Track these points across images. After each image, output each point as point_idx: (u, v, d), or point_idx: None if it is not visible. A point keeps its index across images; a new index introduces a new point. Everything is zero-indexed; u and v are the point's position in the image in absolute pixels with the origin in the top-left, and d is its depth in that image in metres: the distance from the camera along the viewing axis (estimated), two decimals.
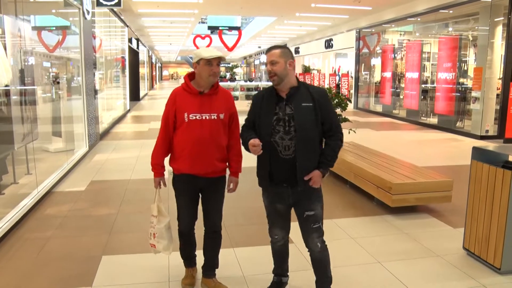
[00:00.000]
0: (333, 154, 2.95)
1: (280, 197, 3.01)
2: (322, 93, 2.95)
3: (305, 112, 2.85)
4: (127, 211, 5.33)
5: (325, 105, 2.91)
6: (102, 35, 12.44)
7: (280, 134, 2.87)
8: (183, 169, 3.10)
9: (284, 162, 2.89)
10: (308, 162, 2.89)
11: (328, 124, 2.92)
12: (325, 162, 2.93)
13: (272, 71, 2.86)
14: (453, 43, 12.88)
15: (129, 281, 3.55)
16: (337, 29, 21.39)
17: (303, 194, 2.94)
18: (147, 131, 12.22)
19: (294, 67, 2.93)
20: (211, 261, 3.38)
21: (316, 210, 2.96)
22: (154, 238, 3.23)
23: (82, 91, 8.97)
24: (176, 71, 74.18)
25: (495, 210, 3.69)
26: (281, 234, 3.16)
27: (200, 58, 2.99)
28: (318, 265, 3.06)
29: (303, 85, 2.95)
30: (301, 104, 2.86)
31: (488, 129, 11.36)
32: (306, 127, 2.84)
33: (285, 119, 2.87)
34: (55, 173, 6.71)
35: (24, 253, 4.10)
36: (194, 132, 3.02)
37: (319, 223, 2.97)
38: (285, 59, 2.87)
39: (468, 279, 3.60)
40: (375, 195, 5.40)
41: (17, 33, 6.09)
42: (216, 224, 3.29)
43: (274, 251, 3.27)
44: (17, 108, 5.92)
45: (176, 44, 32.80)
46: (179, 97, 3.09)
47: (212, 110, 3.06)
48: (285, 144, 2.87)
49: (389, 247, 4.27)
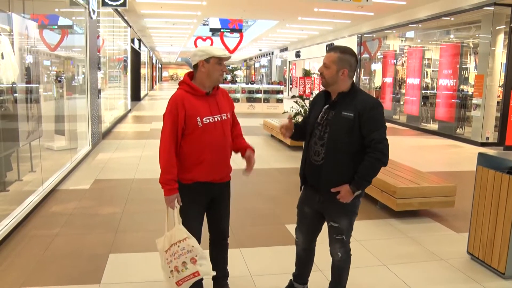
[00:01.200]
0: (365, 173, 2.72)
1: (309, 201, 2.97)
2: (368, 104, 2.72)
3: (343, 122, 2.71)
4: (132, 210, 5.36)
5: (367, 118, 2.69)
6: (106, 35, 12.48)
7: (315, 138, 2.83)
8: (197, 178, 2.87)
9: (313, 167, 2.85)
10: (335, 174, 2.76)
11: (368, 139, 2.70)
12: (356, 179, 2.73)
13: (322, 73, 2.79)
14: (454, 50, 12.97)
15: (138, 279, 3.58)
16: (338, 33, 21.48)
17: (330, 204, 2.83)
18: (148, 131, 12.25)
19: (348, 76, 2.77)
20: (224, 270, 3.24)
21: (341, 223, 2.86)
22: (196, 263, 2.76)
23: (86, 90, 9.00)
24: (176, 72, 74.24)
25: (500, 216, 3.73)
26: (301, 238, 3.09)
27: (211, 56, 2.80)
28: (335, 272, 3.04)
29: (354, 92, 2.78)
30: (342, 112, 2.72)
31: (489, 136, 11.43)
32: (338, 138, 2.72)
33: (324, 124, 2.79)
34: (59, 171, 6.74)
35: (31, 250, 4.12)
36: (210, 136, 2.83)
37: (342, 235, 2.89)
38: (338, 67, 2.73)
39: (472, 283, 3.64)
40: (379, 199, 5.44)
41: (24, 32, 6.13)
42: (226, 231, 3.16)
43: (296, 252, 3.20)
44: (22, 106, 5.95)
45: (177, 45, 32.86)
46: (187, 101, 2.80)
47: (221, 111, 2.92)
48: (316, 149, 2.82)
49: (394, 250, 4.31)
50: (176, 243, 2.75)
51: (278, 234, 4.61)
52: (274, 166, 8.01)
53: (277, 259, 4.01)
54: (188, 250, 2.74)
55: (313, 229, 3.05)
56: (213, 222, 3.11)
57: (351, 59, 2.77)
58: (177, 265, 2.74)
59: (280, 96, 19.96)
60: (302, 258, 3.18)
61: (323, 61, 2.79)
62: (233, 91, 19.21)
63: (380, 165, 2.73)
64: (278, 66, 36.67)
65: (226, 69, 2.92)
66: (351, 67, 2.76)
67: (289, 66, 32.79)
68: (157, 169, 2.86)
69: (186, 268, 2.74)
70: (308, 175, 2.91)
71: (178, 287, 2.77)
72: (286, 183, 6.87)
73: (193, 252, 2.74)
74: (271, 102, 19.64)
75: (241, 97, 19.34)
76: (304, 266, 3.20)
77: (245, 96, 19.51)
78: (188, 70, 3.17)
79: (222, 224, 3.13)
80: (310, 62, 29.83)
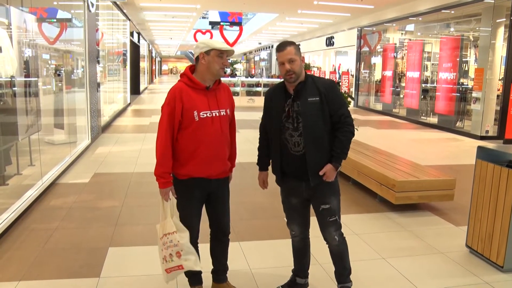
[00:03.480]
0: (342, 146, 2.88)
1: (295, 192, 3.01)
2: (328, 85, 2.89)
3: (312, 108, 2.82)
4: (132, 203, 5.36)
5: (332, 97, 2.86)
6: (104, 28, 12.43)
7: (289, 131, 2.87)
8: (193, 173, 2.84)
9: (295, 158, 2.89)
10: (318, 157, 2.86)
11: (337, 116, 2.87)
12: (335, 155, 2.88)
13: (291, 69, 2.78)
14: (454, 44, 12.92)
15: (137, 272, 3.59)
16: (338, 27, 21.40)
17: (317, 188, 2.92)
18: (148, 125, 12.24)
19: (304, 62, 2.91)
20: (224, 265, 3.23)
21: (331, 203, 2.95)
22: (180, 257, 2.82)
23: (85, 83, 8.99)
24: (175, 66, 74.15)
25: (499, 209, 3.73)
26: (298, 229, 3.13)
27: (212, 49, 2.76)
28: (336, 258, 3.09)
29: (310, 78, 2.90)
30: (308, 99, 2.82)
31: (488, 129, 11.42)
32: (312, 123, 2.82)
33: (293, 116, 2.84)
34: (59, 165, 6.74)
35: (31, 243, 4.13)
36: (207, 131, 2.80)
37: (335, 216, 2.97)
38: (299, 56, 2.84)
39: (471, 276, 3.65)
40: (379, 192, 5.44)
41: (22, 25, 6.11)
42: (227, 227, 3.13)
43: (293, 247, 3.25)
44: (21, 100, 5.93)
45: (177, 39, 32.75)
46: (185, 94, 2.77)
47: (220, 106, 2.88)
48: (294, 140, 2.87)
49: (393, 243, 4.31)
50: (167, 234, 2.82)
51: (277, 227, 4.61)
52: None
53: (276, 252, 4.02)
54: (175, 244, 2.80)
55: (304, 217, 3.12)
56: (213, 218, 3.09)
57: (299, 47, 2.92)
58: (166, 255, 2.84)
59: None
60: (301, 250, 3.22)
61: (285, 60, 2.79)
62: (232, 84, 19.19)
63: (351, 136, 2.92)
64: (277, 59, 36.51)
65: (227, 63, 2.88)
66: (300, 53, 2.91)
67: None
68: None
69: (172, 260, 2.83)
70: (289, 167, 2.94)
71: (168, 274, 2.89)
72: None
73: (178, 247, 2.80)
74: None
75: (240, 91, 19.33)
76: (303, 257, 3.24)
77: (245, 89, 19.50)
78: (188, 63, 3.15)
79: (222, 221, 3.09)
80: (310, 56, 29.76)
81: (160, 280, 3.43)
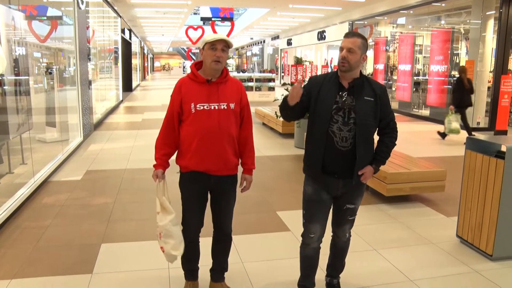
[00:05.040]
0: (388, 152, 2.89)
1: (328, 187, 2.86)
2: (383, 88, 2.88)
3: (366, 106, 2.76)
4: (124, 200, 5.36)
5: (385, 101, 2.84)
6: (95, 25, 12.37)
7: (338, 124, 2.74)
8: (191, 166, 2.85)
9: (339, 153, 2.76)
10: (366, 157, 2.82)
11: (386, 121, 2.86)
12: (379, 158, 2.87)
13: (346, 58, 2.72)
14: (445, 36, 12.98)
15: (130, 268, 3.60)
16: (329, 21, 21.41)
17: (351, 187, 2.85)
18: (140, 122, 12.19)
19: (364, 62, 2.85)
20: (222, 265, 3.20)
21: (357, 204, 2.95)
22: (160, 239, 2.89)
23: (76, 81, 8.94)
24: (168, 62, 73.80)
25: (488, 199, 3.78)
26: (319, 231, 2.93)
27: (205, 43, 2.77)
28: (338, 253, 3.12)
29: (365, 78, 2.85)
30: (364, 97, 2.76)
31: (479, 121, 11.50)
32: (365, 121, 2.75)
33: (345, 109, 2.74)
34: (51, 163, 6.71)
35: (23, 241, 4.12)
36: (202, 124, 2.78)
37: (354, 215, 3.00)
38: (362, 52, 2.76)
39: (461, 265, 3.69)
40: (370, 184, 5.48)
41: (11, 23, 6.06)
42: (228, 227, 3.08)
43: (303, 256, 3.04)
44: (12, 98, 5.90)
45: (168, 35, 32.62)
46: (185, 86, 2.83)
47: (221, 100, 2.82)
48: (343, 135, 2.74)
49: (384, 235, 4.35)
50: (156, 213, 2.90)
51: (270, 222, 4.64)
52: (265, 153, 8.04)
53: (268, 246, 4.04)
54: (157, 225, 2.88)
55: (327, 216, 2.96)
56: (213, 216, 3.06)
57: (367, 45, 2.86)
58: (157, 234, 2.93)
59: (272, 84, 19.94)
60: (313, 259, 3.04)
61: (346, 46, 2.73)
62: None
63: (394, 146, 2.93)
64: (269, 54, 36.55)
65: (221, 54, 2.75)
66: (366, 52, 2.83)
67: (281, 54, 32.70)
68: (149, 159, 2.89)
69: (159, 239, 2.91)
70: (331, 162, 2.77)
71: (163, 253, 2.95)
72: (278, 171, 6.91)
73: (159, 228, 2.87)
74: (263, 90, 19.63)
75: None
76: (313, 268, 3.07)
77: None
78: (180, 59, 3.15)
79: (221, 220, 3.05)
80: (302, 50, 29.77)
81: (153, 276, 3.47)
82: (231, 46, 2.85)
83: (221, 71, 2.87)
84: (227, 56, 2.86)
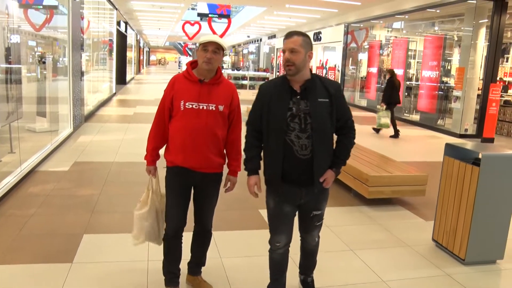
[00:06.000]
0: (347, 153, 2.81)
1: (291, 198, 2.79)
2: (337, 86, 2.74)
3: (322, 109, 2.63)
4: (110, 192, 5.42)
5: (341, 100, 2.72)
6: (90, 17, 12.37)
7: (295, 132, 2.63)
8: (176, 161, 2.92)
9: (300, 162, 2.66)
10: (325, 162, 2.73)
11: (343, 120, 2.75)
12: (339, 162, 2.78)
13: (290, 60, 2.58)
14: (438, 42, 13.13)
15: (109, 259, 3.67)
16: (325, 22, 21.50)
17: (314, 194, 2.79)
18: (132, 115, 12.21)
19: (311, 59, 2.69)
20: (199, 259, 3.29)
21: (322, 209, 2.91)
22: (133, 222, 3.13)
23: (68, 72, 8.96)
24: (164, 57, 73.63)
25: (462, 204, 3.88)
26: (284, 240, 2.89)
27: (199, 44, 2.85)
28: (308, 255, 3.13)
29: (317, 78, 2.71)
30: (318, 99, 2.63)
31: (468, 128, 11.64)
32: (323, 125, 2.64)
33: (301, 115, 2.62)
34: (39, 153, 6.75)
35: (7, 229, 4.18)
36: (189, 122, 2.84)
37: (321, 220, 2.96)
38: (306, 50, 2.62)
39: (434, 268, 3.79)
40: (353, 186, 5.57)
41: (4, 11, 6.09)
42: (209, 223, 3.16)
43: (271, 261, 2.98)
44: (2, 86, 5.93)
45: (165, 29, 32.55)
46: (177, 83, 2.90)
47: (211, 101, 2.86)
48: (302, 143, 2.63)
49: (362, 236, 4.45)
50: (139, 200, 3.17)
51: (251, 219, 4.72)
52: None
53: (248, 243, 4.13)
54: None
55: (292, 226, 2.91)
56: (195, 212, 3.13)
57: (311, 41, 2.71)
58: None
59: None
60: (281, 263, 2.98)
61: (287, 48, 2.61)
62: None
63: (353, 145, 2.86)
64: (266, 53, 36.55)
65: (212, 56, 2.80)
66: (312, 49, 2.70)
67: (277, 53, 32.73)
68: (137, 153, 3.01)
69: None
70: (292, 172, 2.69)
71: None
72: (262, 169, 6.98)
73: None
74: (256, 88, 19.69)
75: None
76: (282, 271, 3.02)
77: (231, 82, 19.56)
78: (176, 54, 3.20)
79: (202, 216, 3.12)
80: None
81: (131, 267, 3.53)
82: (224, 48, 2.90)
83: (215, 72, 2.93)
84: (221, 57, 2.90)
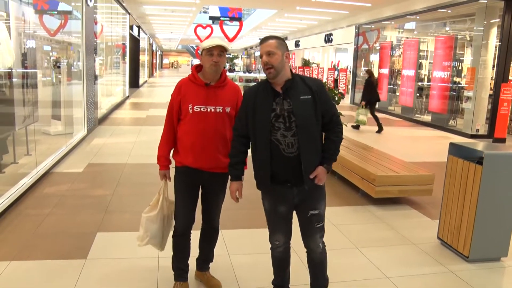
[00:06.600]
0: (335, 147, 2.82)
1: (284, 199, 2.82)
2: (319, 83, 2.79)
3: (305, 106, 2.68)
4: (122, 193, 5.57)
5: (324, 96, 2.75)
6: (103, 21, 12.60)
7: (281, 131, 2.68)
8: (186, 162, 3.02)
9: (288, 160, 2.69)
10: (313, 159, 2.74)
11: (328, 116, 2.77)
12: (328, 157, 2.79)
13: (268, 62, 2.65)
14: (449, 43, 13.09)
15: (121, 255, 3.81)
16: (337, 24, 21.55)
17: (308, 192, 2.79)
18: (145, 118, 12.41)
19: (289, 60, 2.77)
20: (207, 255, 3.39)
21: (320, 208, 2.85)
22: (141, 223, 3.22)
23: (82, 76, 9.17)
24: (177, 60, 74.16)
25: (466, 203, 3.94)
26: (283, 239, 2.93)
27: (203, 49, 2.93)
28: (317, 267, 2.99)
29: (298, 77, 2.76)
30: (300, 97, 2.68)
31: (479, 128, 11.60)
32: (307, 122, 2.68)
33: (284, 114, 2.67)
34: (54, 155, 6.94)
35: (23, 227, 4.35)
36: (198, 124, 2.94)
37: (322, 222, 2.88)
38: (282, 51, 2.68)
39: (438, 266, 3.85)
40: (360, 186, 5.64)
41: (21, 17, 6.29)
42: (216, 221, 3.27)
43: (273, 258, 3.04)
44: (19, 91, 6.13)
45: (177, 33, 32.89)
46: (184, 87, 2.99)
47: (218, 103, 2.97)
48: (288, 141, 2.68)
49: (368, 234, 4.52)
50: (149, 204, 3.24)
51: (258, 218, 4.78)
52: None
53: (256, 241, 4.22)
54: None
55: (290, 225, 2.93)
56: (203, 210, 3.24)
57: (285, 43, 2.78)
58: None
59: None
60: (282, 260, 3.04)
61: (263, 52, 2.68)
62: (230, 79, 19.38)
63: (342, 137, 2.87)
64: None
65: (218, 59, 2.91)
66: (288, 50, 2.76)
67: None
68: (149, 154, 3.10)
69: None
70: (281, 171, 2.73)
71: None
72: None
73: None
74: None
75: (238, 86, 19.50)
76: (287, 266, 3.08)
77: (242, 84, 19.67)
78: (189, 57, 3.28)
79: (209, 214, 3.24)
80: (309, 52, 29.90)
81: (143, 264, 3.66)
82: (227, 49, 3.01)
83: (220, 75, 3.03)
84: (225, 59, 3.03)
